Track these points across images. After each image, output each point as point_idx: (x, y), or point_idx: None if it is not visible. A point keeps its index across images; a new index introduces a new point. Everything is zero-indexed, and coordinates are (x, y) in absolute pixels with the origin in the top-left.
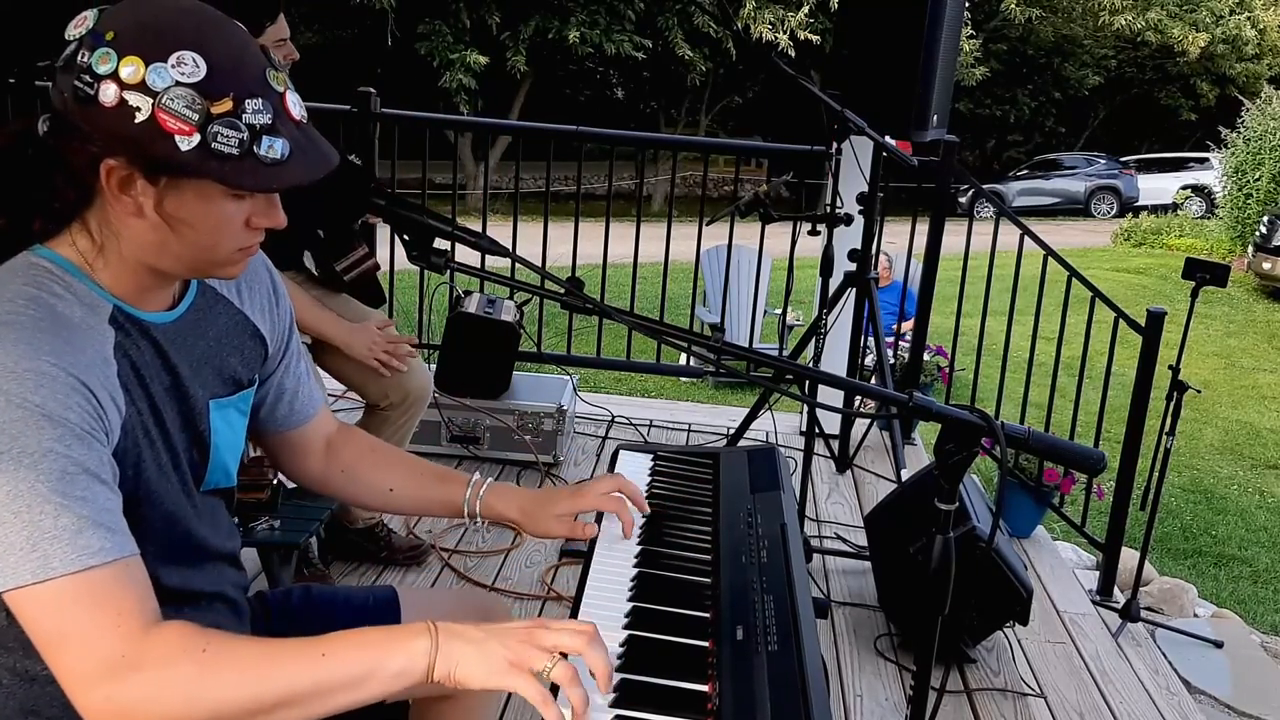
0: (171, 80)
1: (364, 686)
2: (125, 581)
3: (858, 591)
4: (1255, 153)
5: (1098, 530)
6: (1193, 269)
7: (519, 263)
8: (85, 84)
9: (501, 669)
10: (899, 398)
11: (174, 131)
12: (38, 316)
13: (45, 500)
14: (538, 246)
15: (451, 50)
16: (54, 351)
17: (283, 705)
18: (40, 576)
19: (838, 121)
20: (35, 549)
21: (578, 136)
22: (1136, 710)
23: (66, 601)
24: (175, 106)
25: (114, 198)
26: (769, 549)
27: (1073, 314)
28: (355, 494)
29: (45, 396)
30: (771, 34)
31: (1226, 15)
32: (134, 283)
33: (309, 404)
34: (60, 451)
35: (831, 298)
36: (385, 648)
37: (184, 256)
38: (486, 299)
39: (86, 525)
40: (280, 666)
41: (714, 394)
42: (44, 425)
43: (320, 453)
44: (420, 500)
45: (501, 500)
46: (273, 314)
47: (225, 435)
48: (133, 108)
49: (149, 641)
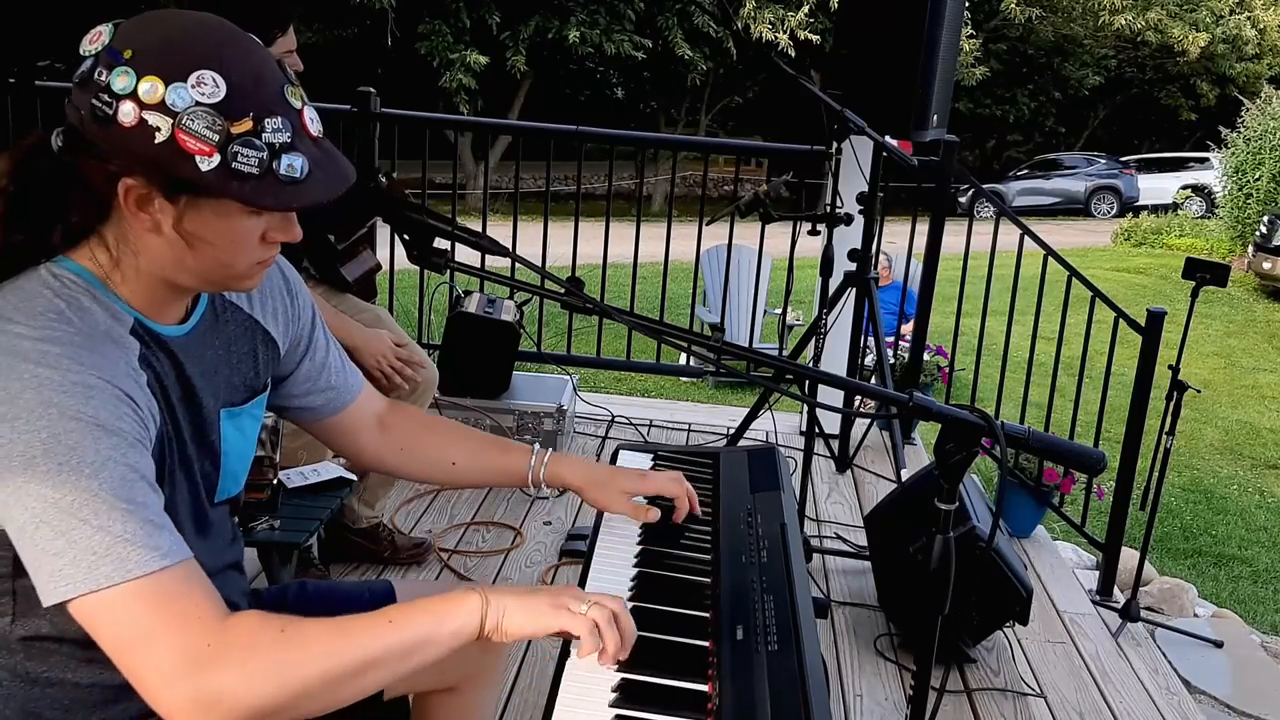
0: (192, 101)
1: (427, 647)
2: (195, 578)
3: (858, 591)
4: (1255, 153)
5: (1098, 530)
6: (1193, 269)
7: (519, 263)
8: (103, 103)
9: (544, 611)
10: (899, 398)
11: (194, 152)
12: (73, 331)
13: (112, 507)
14: (538, 246)
15: (451, 50)
16: (96, 365)
17: (360, 672)
18: (118, 579)
19: (838, 121)
20: (110, 553)
21: (578, 136)
22: (1136, 710)
23: (145, 601)
24: (195, 127)
25: (132, 215)
26: (769, 549)
27: (1073, 314)
28: (417, 470)
29: (97, 408)
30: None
31: (1226, 15)
32: (150, 296)
33: (346, 390)
34: (118, 459)
35: (831, 298)
36: (442, 610)
37: (201, 272)
38: (486, 299)
39: (153, 528)
40: (354, 636)
41: (714, 394)
42: (100, 435)
43: (373, 430)
44: (485, 471)
45: (566, 468)
46: (287, 313)
47: (236, 443)
48: (153, 128)
49: (228, 631)
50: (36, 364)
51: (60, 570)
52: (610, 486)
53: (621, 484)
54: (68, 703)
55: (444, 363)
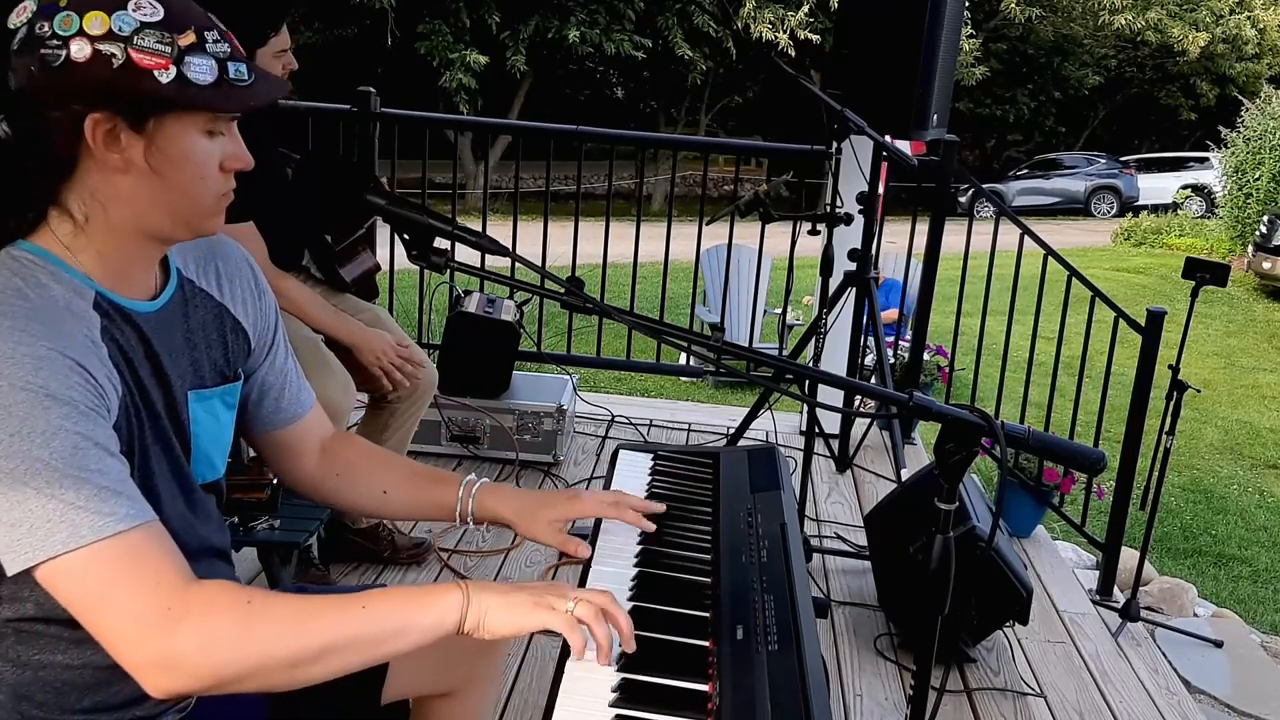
0: (137, 23)
1: (401, 638)
2: (156, 543)
3: (858, 591)
4: (1255, 152)
5: (1098, 530)
6: (1193, 269)
7: (519, 262)
8: (53, 49)
9: (527, 610)
10: (899, 397)
11: (151, 67)
12: (27, 306)
13: (63, 475)
14: (538, 246)
15: (451, 50)
16: (48, 336)
17: (325, 654)
18: (71, 545)
19: (838, 121)
20: (63, 520)
21: (578, 136)
22: (1136, 710)
23: (102, 566)
24: (147, 43)
25: (101, 156)
26: (769, 549)
27: (1073, 314)
28: (350, 498)
29: (46, 378)
30: (771, 33)
31: (1226, 15)
32: (116, 265)
33: (296, 403)
34: (69, 428)
35: (831, 297)
36: (420, 602)
37: (173, 206)
38: (486, 299)
39: (108, 494)
40: (323, 618)
41: (714, 394)
42: (49, 405)
43: (314, 455)
44: (413, 502)
45: (495, 499)
46: (255, 307)
47: (207, 426)
48: (107, 54)
49: (191, 595)
50: None
51: (19, 540)
52: (539, 517)
53: (549, 514)
54: (59, 685)
55: (444, 363)
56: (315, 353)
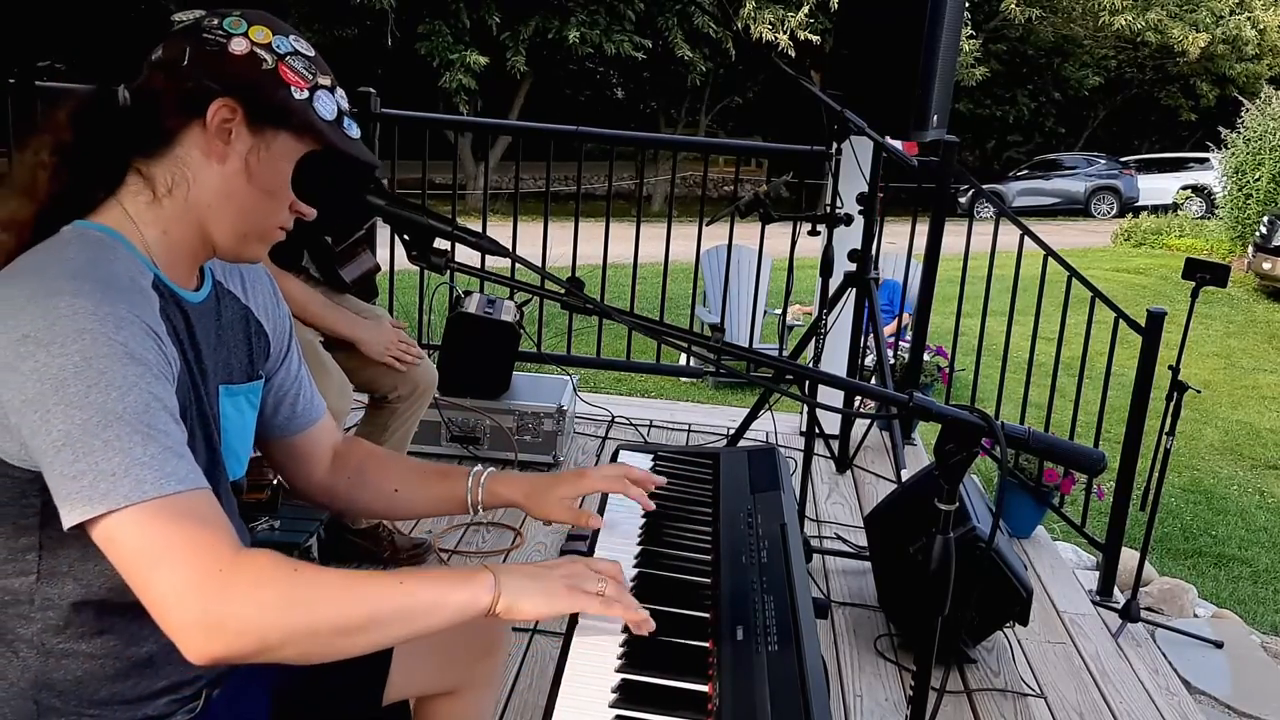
0: (292, 49)
1: (435, 615)
2: (211, 507)
3: (858, 591)
4: (1255, 153)
5: (1098, 530)
6: (1193, 269)
7: (519, 263)
8: (217, 37)
9: (560, 593)
10: (899, 398)
11: (291, 82)
12: (105, 273)
13: (134, 430)
14: (538, 246)
15: (451, 50)
16: (125, 301)
17: (366, 626)
18: (134, 499)
19: (838, 122)
20: (128, 474)
21: (578, 136)
22: (1136, 710)
23: (161, 523)
24: (296, 65)
25: (208, 140)
26: (769, 549)
27: (1073, 314)
28: (362, 499)
29: (127, 337)
30: (771, 34)
31: (1226, 15)
32: (175, 248)
33: (311, 408)
34: (144, 387)
35: (831, 298)
36: (453, 582)
37: (243, 212)
38: (486, 299)
39: (170, 455)
40: (363, 590)
41: (714, 394)
42: (128, 362)
43: (326, 461)
44: (425, 497)
45: (505, 484)
46: (274, 313)
47: (235, 422)
48: (261, 58)
49: (241, 560)
50: (73, 295)
51: (80, 491)
52: (548, 497)
53: (559, 491)
54: (80, 674)
55: (444, 363)
56: (312, 354)
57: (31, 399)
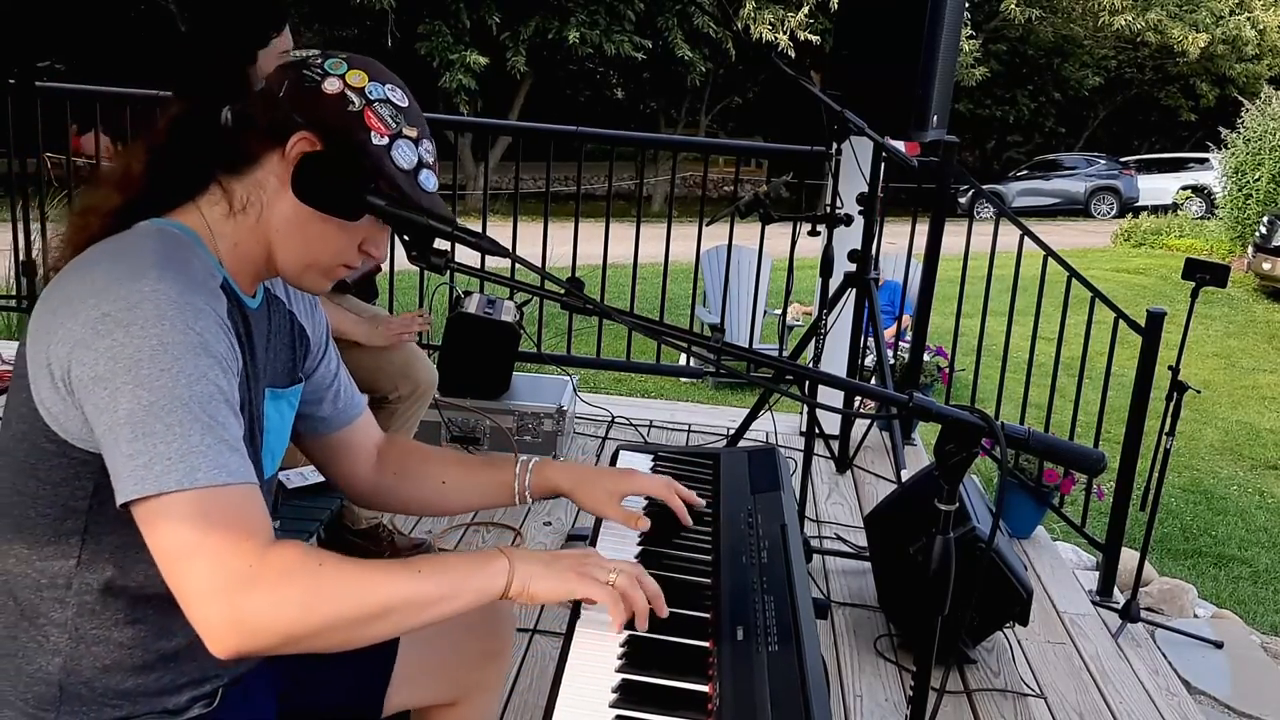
0: (384, 96)
1: (452, 600)
2: (254, 502)
3: (858, 591)
4: (1255, 153)
5: (1098, 530)
6: (1193, 269)
7: (519, 263)
8: (314, 75)
9: (572, 578)
10: (899, 398)
11: (373, 128)
12: (186, 266)
13: (195, 418)
14: (538, 246)
15: (451, 50)
16: (202, 295)
17: (384, 614)
18: (184, 485)
19: (838, 122)
20: (183, 459)
21: (578, 136)
22: (1136, 711)
23: (206, 512)
24: (381, 112)
25: (284, 168)
26: (769, 549)
27: (1072, 314)
28: (411, 494)
29: (203, 328)
30: (771, 34)
31: (1226, 15)
32: (242, 260)
33: (352, 405)
34: (211, 379)
35: (831, 298)
36: (469, 567)
37: (307, 241)
38: (486, 299)
39: (226, 448)
40: (383, 579)
41: (714, 394)
42: (200, 353)
43: (371, 457)
44: (473, 487)
45: (554, 471)
46: (312, 317)
47: (275, 424)
48: (349, 99)
49: (270, 557)
50: (157, 280)
51: (134, 471)
52: (598, 486)
53: (609, 484)
54: (108, 662)
55: (444, 363)
56: None
57: (102, 376)
